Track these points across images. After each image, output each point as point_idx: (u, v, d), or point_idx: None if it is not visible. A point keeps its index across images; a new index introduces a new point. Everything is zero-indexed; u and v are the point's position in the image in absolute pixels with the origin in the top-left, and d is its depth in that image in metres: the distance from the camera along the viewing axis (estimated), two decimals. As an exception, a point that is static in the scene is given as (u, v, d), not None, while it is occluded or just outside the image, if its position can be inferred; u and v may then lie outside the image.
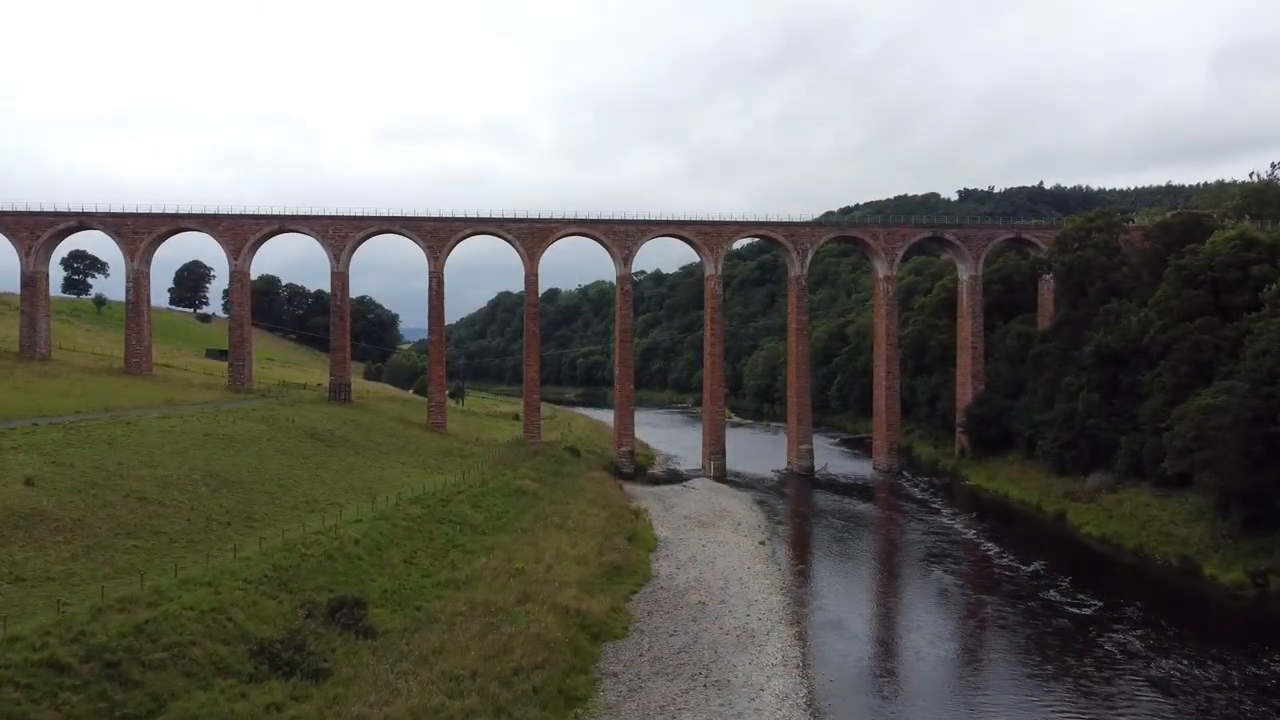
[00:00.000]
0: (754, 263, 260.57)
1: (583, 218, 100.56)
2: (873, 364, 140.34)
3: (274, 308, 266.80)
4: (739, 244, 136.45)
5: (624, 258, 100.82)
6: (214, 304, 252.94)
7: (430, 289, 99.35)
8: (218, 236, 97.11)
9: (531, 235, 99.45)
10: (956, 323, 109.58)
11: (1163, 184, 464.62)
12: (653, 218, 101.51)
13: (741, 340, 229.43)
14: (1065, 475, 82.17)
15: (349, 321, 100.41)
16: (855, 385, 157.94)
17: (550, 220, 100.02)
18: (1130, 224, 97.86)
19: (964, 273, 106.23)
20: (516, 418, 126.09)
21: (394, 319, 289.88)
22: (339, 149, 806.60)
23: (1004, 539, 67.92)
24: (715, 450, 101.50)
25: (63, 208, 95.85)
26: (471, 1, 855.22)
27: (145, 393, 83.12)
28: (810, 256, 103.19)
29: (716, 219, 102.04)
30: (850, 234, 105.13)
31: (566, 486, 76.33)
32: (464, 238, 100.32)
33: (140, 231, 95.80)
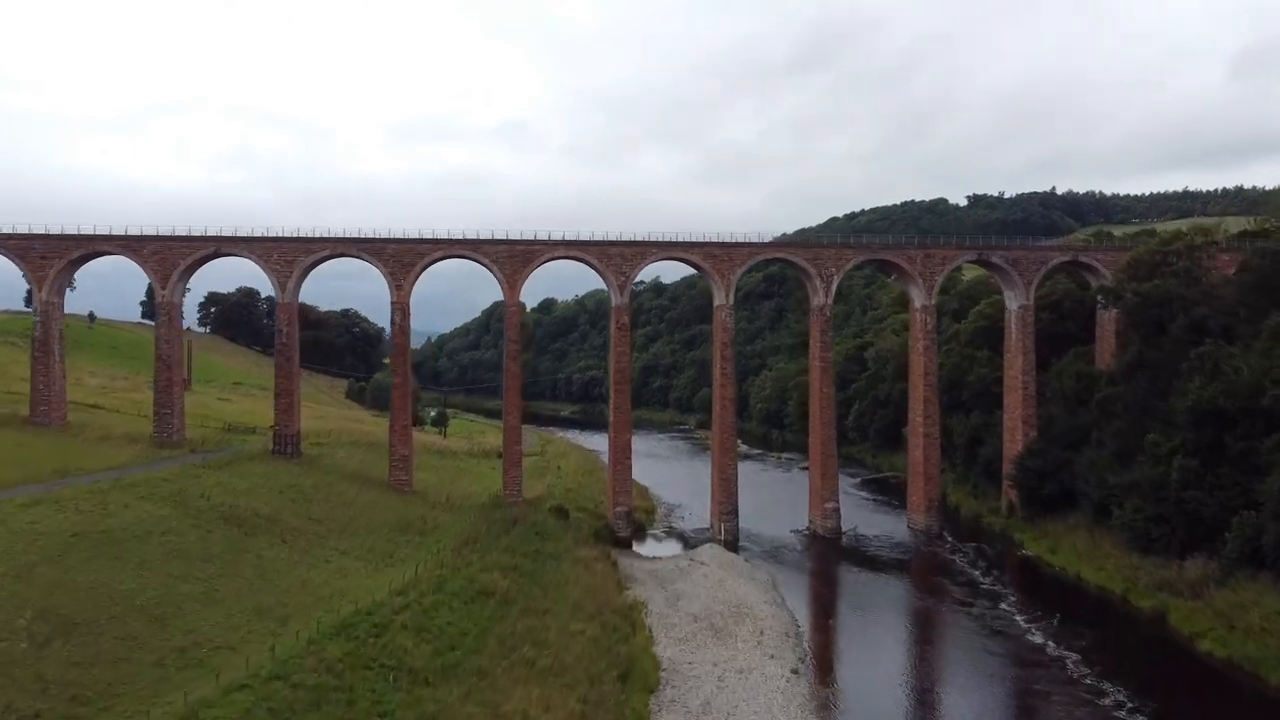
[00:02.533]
0: (760, 274, 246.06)
1: (572, 239, 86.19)
2: (894, 392, 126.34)
3: (253, 321, 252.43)
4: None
5: (620, 285, 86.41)
6: (190, 317, 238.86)
7: (393, 322, 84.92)
8: (141, 262, 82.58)
9: (512, 259, 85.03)
10: (1003, 357, 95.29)
11: (1180, 189, 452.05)
12: (653, 238, 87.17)
13: (747, 359, 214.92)
14: (1151, 555, 67.74)
15: (298, 362, 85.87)
16: (876, 415, 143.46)
17: (534, 242, 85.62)
18: (1217, 245, 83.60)
19: (1013, 301, 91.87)
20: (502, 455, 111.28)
21: (380, 333, 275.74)
22: (349, 150, 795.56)
23: (1103, 660, 53.27)
24: (726, 510, 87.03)
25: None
26: (486, 2, 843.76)
27: (40, 455, 68.64)
28: (836, 283, 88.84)
29: (729, 239, 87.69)
30: (883, 257, 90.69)
31: (547, 578, 61.81)
32: (434, 261, 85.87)
33: (50, 256, 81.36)
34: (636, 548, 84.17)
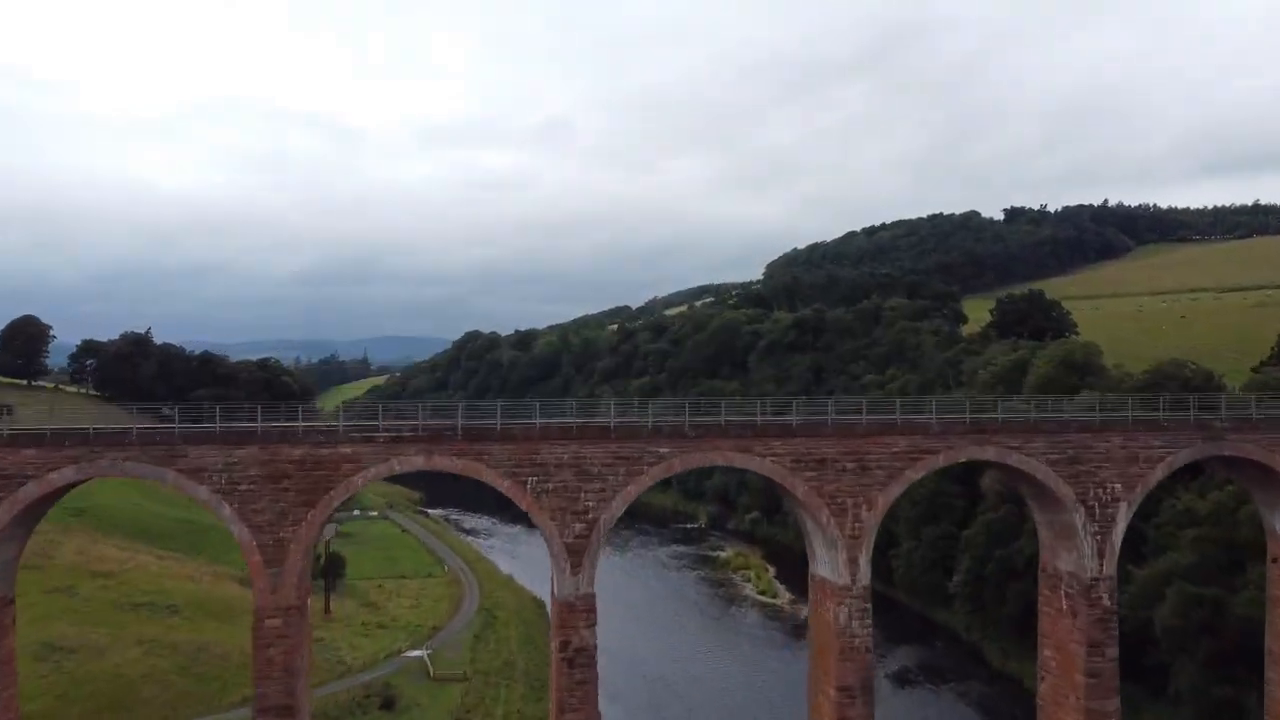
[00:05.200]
0: (791, 317, 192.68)
1: (450, 432, 32.61)
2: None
3: (138, 378, 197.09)
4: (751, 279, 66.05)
5: (572, 563, 32.42)
6: (59, 357, 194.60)
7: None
8: None
9: (274, 501, 31.33)
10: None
11: (1249, 203, 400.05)
12: (667, 419, 33.58)
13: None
14: None
15: None
16: (1009, 586, 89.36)
17: (388, 434, 32.00)
18: None
19: None
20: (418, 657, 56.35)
21: (310, 389, 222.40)
22: (380, 153, 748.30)
23: None
24: None
25: None
26: (533, 5, 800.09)
27: None
28: (1130, 514, 35.52)
29: (844, 412, 34.27)
30: (1233, 453, 36.93)
31: None
32: (70, 487, 31.73)
33: None
34: None
